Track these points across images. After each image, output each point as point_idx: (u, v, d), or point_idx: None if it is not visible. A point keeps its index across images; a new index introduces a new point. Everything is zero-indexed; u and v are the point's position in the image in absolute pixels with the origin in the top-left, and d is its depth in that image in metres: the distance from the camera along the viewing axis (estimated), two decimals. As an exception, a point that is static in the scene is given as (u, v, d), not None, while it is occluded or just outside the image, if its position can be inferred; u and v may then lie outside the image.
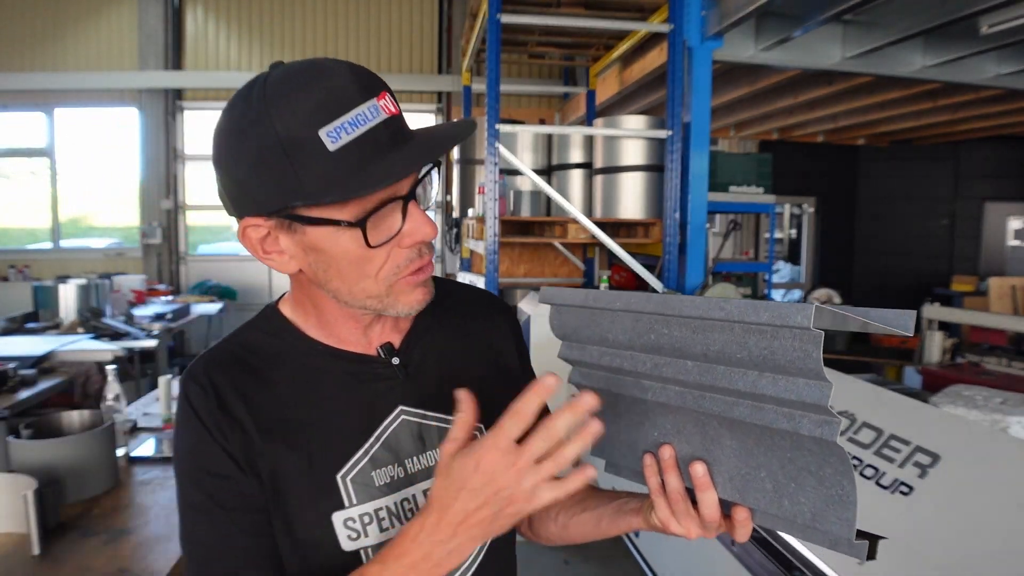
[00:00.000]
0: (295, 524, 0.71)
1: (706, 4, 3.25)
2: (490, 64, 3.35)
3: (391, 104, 0.66)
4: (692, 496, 0.65)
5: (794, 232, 8.40)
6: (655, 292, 3.14)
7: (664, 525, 0.68)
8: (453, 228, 4.75)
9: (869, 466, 1.62)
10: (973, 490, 1.41)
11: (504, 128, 3.38)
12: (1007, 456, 1.45)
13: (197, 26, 7.43)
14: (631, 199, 3.77)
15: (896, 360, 5.07)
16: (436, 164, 0.72)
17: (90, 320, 4.19)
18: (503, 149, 3.37)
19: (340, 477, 0.72)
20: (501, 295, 4.14)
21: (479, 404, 0.63)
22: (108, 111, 7.46)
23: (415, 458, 0.77)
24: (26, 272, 6.86)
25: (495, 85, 3.34)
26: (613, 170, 3.83)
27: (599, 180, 3.93)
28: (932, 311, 3.80)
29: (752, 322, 0.54)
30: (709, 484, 0.63)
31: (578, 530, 0.85)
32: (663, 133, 3.48)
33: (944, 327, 3.86)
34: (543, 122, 6.85)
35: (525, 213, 4.05)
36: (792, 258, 8.34)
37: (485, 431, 0.62)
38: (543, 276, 4.39)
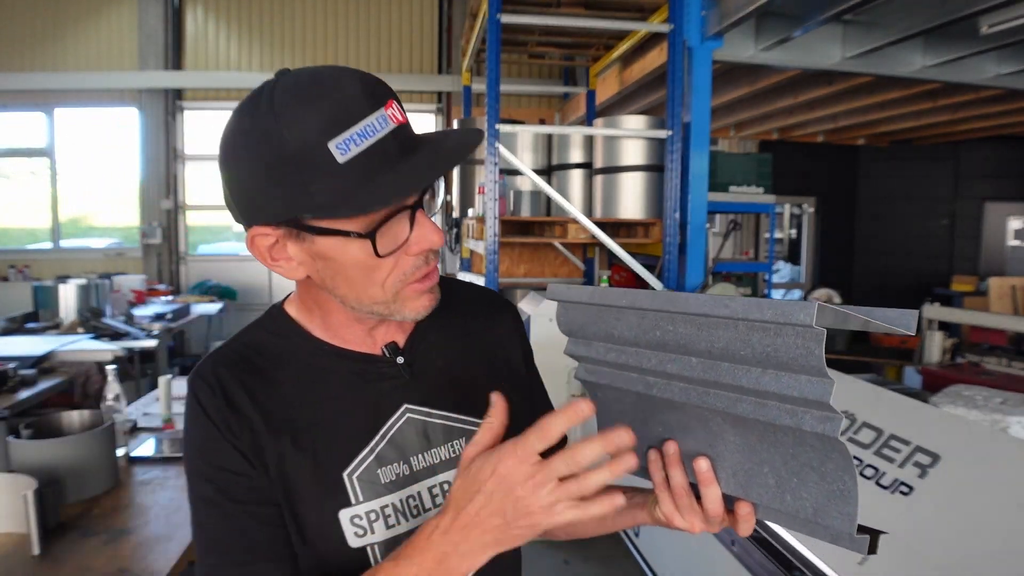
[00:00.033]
0: (302, 521, 0.72)
1: (706, 4, 3.25)
2: (490, 64, 3.35)
3: (398, 112, 0.66)
4: (696, 491, 0.66)
5: (794, 232, 8.40)
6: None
7: (668, 520, 0.68)
8: (453, 228, 4.75)
9: (869, 466, 1.62)
10: (973, 490, 1.41)
11: (504, 128, 3.38)
12: (1007, 456, 1.45)
13: (197, 26, 7.43)
14: (631, 199, 3.77)
15: (896, 360, 5.07)
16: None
17: (90, 320, 4.19)
18: (503, 149, 3.37)
19: (346, 475, 0.73)
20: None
21: (481, 401, 0.63)
22: (108, 111, 7.46)
23: (420, 455, 0.77)
24: (26, 272, 6.87)
25: (495, 85, 3.34)
26: (613, 170, 3.83)
27: (599, 180, 3.93)
28: (932, 311, 3.80)
29: (756, 319, 0.54)
30: (713, 479, 0.64)
31: (584, 525, 0.86)
32: (663, 133, 3.48)
33: (944, 327, 3.87)
34: (543, 122, 6.85)
35: (525, 213, 4.05)
36: (792, 258, 8.34)
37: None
38: (543, 276, 4.39)
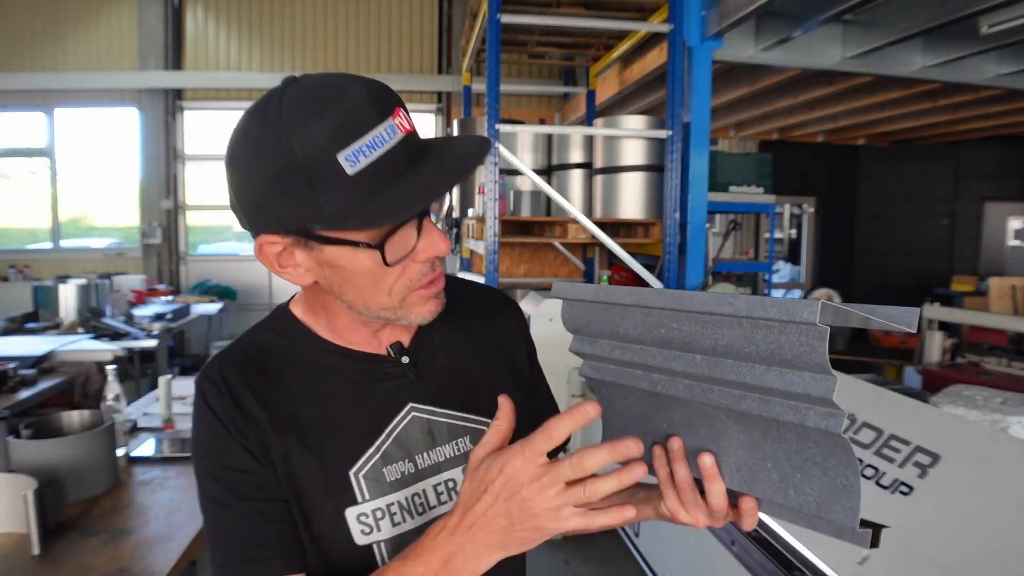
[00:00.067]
0: (309, 519, 0.72)
1: (706, 4, 3.25)
2: (490, 64, 3.35)
3: (405, 121, 0.67)
4: (700, 486, 0.66)
5: (794, 232, 8.40)
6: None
7: (673, 514, 0.69)
8: (453, 228, 4.75)
9: (869, 466, 1.62)
10: (973, 490, 1.41)
11: (504, 128, 3.38)
12: (1007, 456, 1.45)
13: (197, 26, 7.43)
14: (631, 199, 3.77)
15: (896, 360, 5.07)
16: None
17: (90, 320, 4.19)
18: (503, 149, 3.37)
19: (352, 474, 0.74)
20: (501, 295, 4.13)
21: (486, 400, 0.63)
22: (108, 111, 7.46)
23: (425, 454, 0.78)
24: (26, 272, 6.87)
25: (495, 85, 3.34)
26: (613, 170, 3.83)
27: (599, 180, 3.93)
28: (932, 311, 3.80)
29: (760, 317, 0.55)
30: (717, 475, 0.64)
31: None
32: (663, 133, 3.48)
33: (944, 327, 3.87)
34: (543, 122, 6.85)
35: (525, 213, 4.05)
36: (792, 258, 8.35)
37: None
38: (543, 276, 4.39)
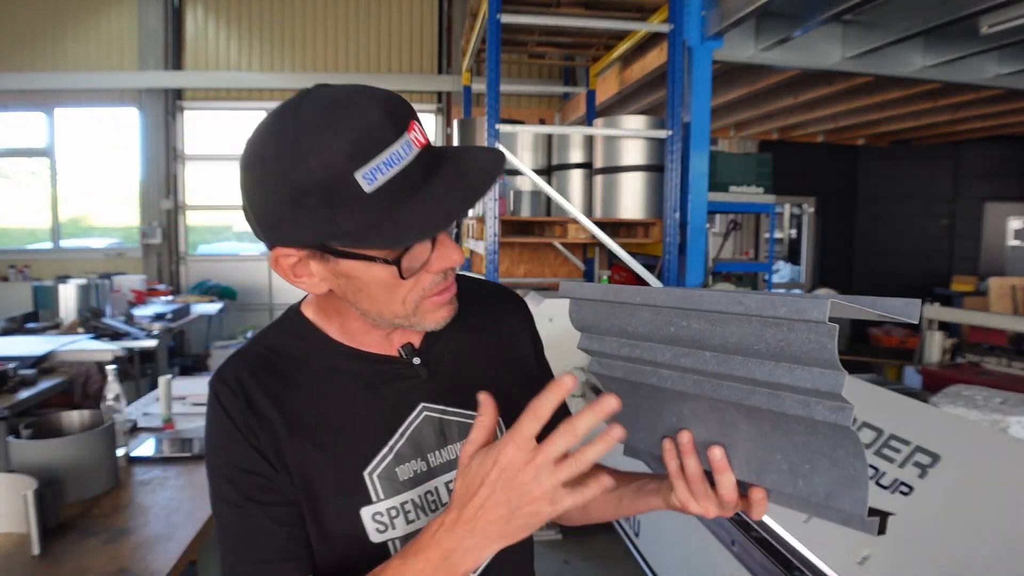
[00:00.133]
0: (324, 519, 0.73)
1: (706, 4, 3.25)
2: (490, 64, 3.35)
3: (420, 134, 0.67)
4: (710, 477, 0.67)
5: (794, 232, 8.41)
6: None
7: (683, 505, 0.69)
8: (454, 228, 4.75)
9: (869, 466, 1.61)
10: (973, 490, 1.41)
11: (504, 128, 3.38)
12: (1007, 456, 1.45)
13: (197, 26, 7.43)
14: (631, 199, 3.77)
15: (896, 360, 5.08)
16: None
17: (90, 320, 4.19)
18: (503, 149, 3.37)
19: (367, 474, 0.75)
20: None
21: (497, 399, 0.64)
22: (108, 111, 7.46)
23: (437, 452, 0.79)
24: (26, 272, 6.86)
25: (495, 85, 3.33)
26: (613, 170, 3.83)
27: (599, 180, 3.92)
28: (932, 311, 3.80)
29: (769, 316, 0.56)
30: (727, 467, 0.65)
31: (599, 511, 0.87)
32: (663, 133, 3.48)
33: (944, 327, 3.87)
34: (543, 122, 6.84)
35: (525, 213, 4.05)
36: (792, 258, 8.35)
37: (504, 426, 0.63)
38: (543, 276, 4.39)
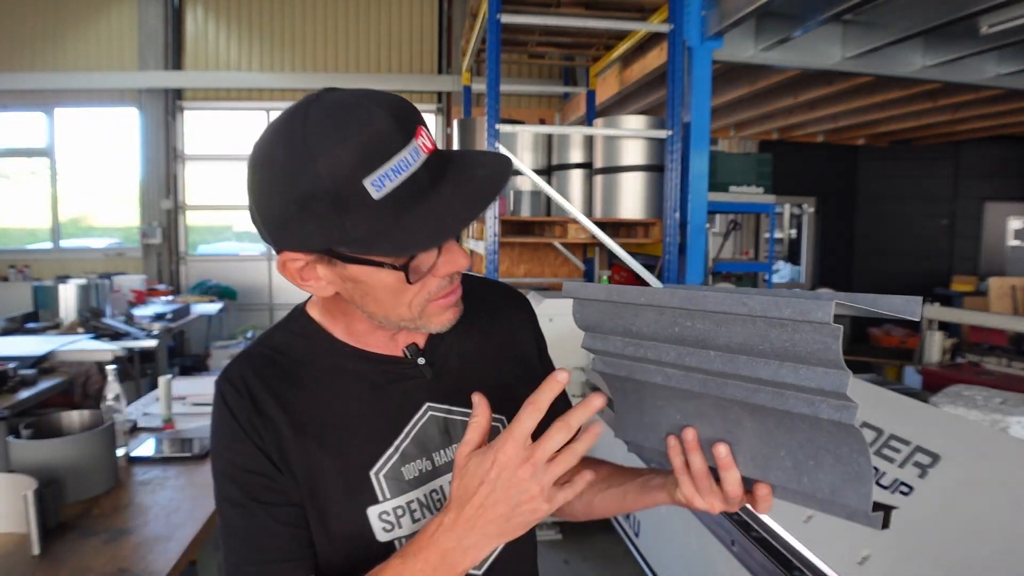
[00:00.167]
0: (330, 518, 0.73)
1: (706, 4, 3.25)
2: (490, 64, 3.35)
3: (427, 140, 0.67)
4: (714, 474, 0.67)
5: (794, 232, 8.41)
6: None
7: (689, 501, 0.70)
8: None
9: (869, 466, 1.61)
10: (973, 490, 1.41)
11: (504, 128, 3.38)
12: (1007, 456, 1.45)
13: (197, 26, 7.43)
14: (631, 199, 3.77)
15: (896, 360, 5.08)
16: None
17: (90, 320, 4.19)
18: (503, 149, 3.36)
19: (373, 474, 0.75)
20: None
21: (501, 397, 0.65)
22: (108, 111, 7.46)
23: (442, 451, 0.79)
24: (26, 272, 6.86)
25: (495, 85, 3.33)
26: (613, 170, 3.83)
27: (599, 180, 3.92)
28: (932, 311, 3.80)
29: (774, 317, 0.56)
30: (732, 464, 0.65)
31: (603, 507, 0.88)
32: (663, 133, 3.48)
33: (944, 327, 3.87)
34: (543, 122, 6.84)
35: (525, 213, 4.05)
36: (792, 258, 8.35)
37: (508, 423, 0.64)
38: (543, 276, 4.39)
